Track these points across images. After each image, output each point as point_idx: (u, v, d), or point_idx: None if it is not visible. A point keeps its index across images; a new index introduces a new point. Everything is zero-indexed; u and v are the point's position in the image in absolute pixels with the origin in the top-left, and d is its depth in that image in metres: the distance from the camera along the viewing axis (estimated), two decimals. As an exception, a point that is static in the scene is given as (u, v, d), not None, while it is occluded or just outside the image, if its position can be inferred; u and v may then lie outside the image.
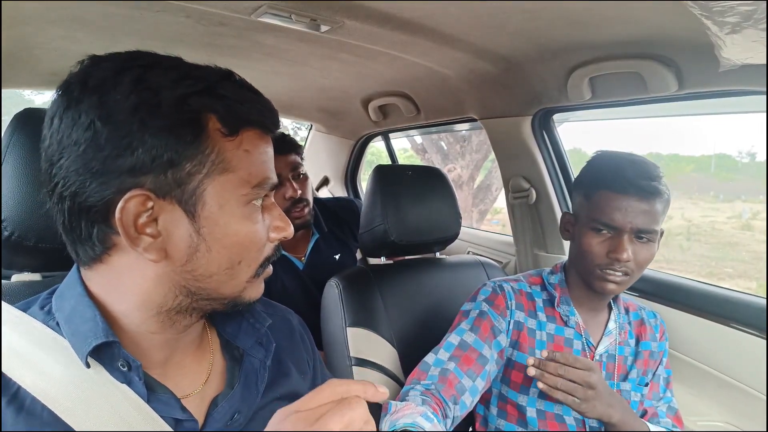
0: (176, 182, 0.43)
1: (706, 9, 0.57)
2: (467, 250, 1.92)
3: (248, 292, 0.51)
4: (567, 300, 0.94)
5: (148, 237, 0.44)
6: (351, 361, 1.01)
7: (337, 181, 2.48)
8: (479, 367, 0.87)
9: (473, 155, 5.59)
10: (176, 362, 0.52)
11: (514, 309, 0.93)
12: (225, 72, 0.47)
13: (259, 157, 0.48)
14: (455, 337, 0.91)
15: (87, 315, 0.45)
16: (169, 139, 0.42)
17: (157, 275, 0.46)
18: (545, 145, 1.40)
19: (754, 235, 4.87)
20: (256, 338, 0.57)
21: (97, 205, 0.43)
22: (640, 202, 0.81)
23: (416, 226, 1.13)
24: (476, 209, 5.60)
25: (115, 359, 0.45)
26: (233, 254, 0.47)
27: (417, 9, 0.90)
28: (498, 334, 0.91)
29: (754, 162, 5.05)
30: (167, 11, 0.94)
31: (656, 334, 0.99)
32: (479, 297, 0.96)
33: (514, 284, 0.97)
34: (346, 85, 1.62)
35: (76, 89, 0.43)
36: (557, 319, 0.93)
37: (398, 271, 1.17)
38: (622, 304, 0.99)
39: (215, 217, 0.45)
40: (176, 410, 0.48)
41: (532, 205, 1.46)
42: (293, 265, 1.42)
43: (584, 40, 0.99)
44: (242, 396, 0.54)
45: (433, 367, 0.87)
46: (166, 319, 0.48)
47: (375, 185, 1.14)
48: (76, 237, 0.45)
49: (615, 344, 0.93)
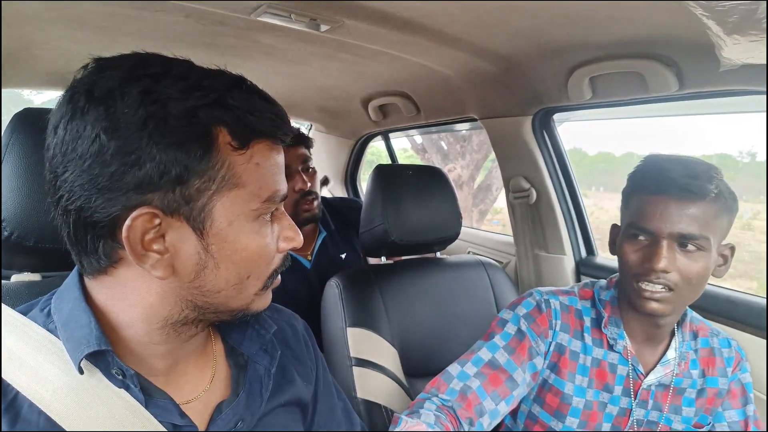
0: (184, 199, 0.42)
1: (707, 9, 0.57)
2: (467, 250, 1.92)
3: (256, 304, 0.50)
4: (616, 321, 0.82)
5: (155, 254, 0.43)
6: (351, 362, 1.01)
7: (337, 181, 2.48)
8: (506, 391, 0.79)
9: (473, 155, 5.58)
10: (179, 369, 0.51)
11: (558, 330, 0.83)
12: (236, 79, 0.45)
13: (269, 170, 0.46)
14: (486, 353, 0.82)
15: (82, 321, 0.45)
16: (178, 154, 0.41)
17: (163, 290, 0.45)
18: (545, 144, 1.40)
19: (754, 235, 4.87)
20: (260, 345, 0.57)
21: (104, 221, 0.42)
22: (682, 203, 0.70)
23: (416, 225, 1.13)
24: (476, 209, 5.59)
25: (110, 366, 0.45)
26: (242, 270, 0.46)
27: (417, 9, 0.90)
28: (535, 356, 0.82)
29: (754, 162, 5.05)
30: (167, 11, 0.94)
31: (727, 369, 0.83)
32: (519, 309, 0.86)
33: (564, 299, 0.86)
34: (346, 84, 1.62)
35: (81, 98, 0.41)
36: (604, 342, 0.83)
37: (398, 271, 1.17)
38: (688, 328, 0.84)
39: (224, 234, 0.44)
40: (174, 416, 0.48)
41: (533, 205, 1.46)
42: (300, 264, 1.42)
43: (585, 40, 0.98)
44: (246, 403, 0.53)
45: (456, 380, 0.80)
46: (171, 331, 0.47)
47: (375, 185, 1.14)
48: (82, 249, 0.44)
49: (672, 375, 0.81)
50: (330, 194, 2.44)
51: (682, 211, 0.70)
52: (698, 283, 0.73)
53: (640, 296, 0.73)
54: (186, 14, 0.96)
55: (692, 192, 0.69)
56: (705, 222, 0.70)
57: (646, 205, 0.72)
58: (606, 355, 0.83)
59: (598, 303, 0.85)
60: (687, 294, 0.73)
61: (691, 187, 0.69)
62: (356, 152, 2.37)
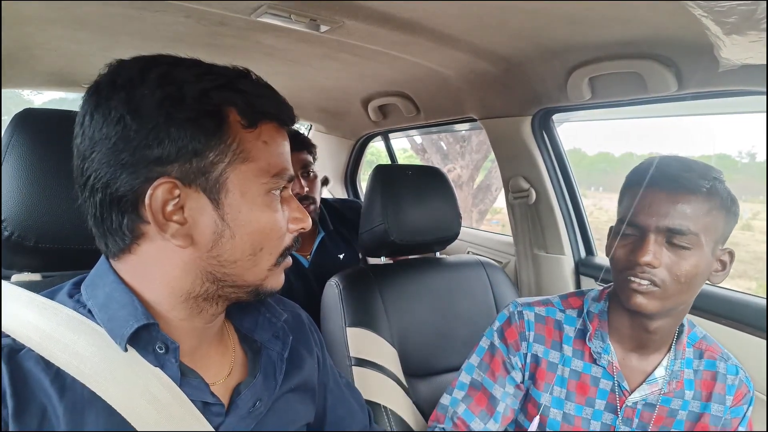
0: (200, 171, 0.46)
1: (706, 9, 0.57)
2: (467, 250, 1.92)
3: (269, 281, 0.53)
4: (602, 335, 0.79)
5: (175, 224, 0.46)
6: (351, 361, 1.01)
7: (336, 181, 2.49)
8: (491, 408, 0.81)
9: (473, 155, 5.59)
10: (203, 353, 0.54)
11: (532, 342, 0.82)
12: (243, 71, 0.50)
13: (276, 149, 0.51)
14: (466, 376, 0.86)
15: (124, 300, 0.48)
16: (193, 130, 0.45)
17: (184, 262, 0.48)
18: (545, 145, 1.40)
19: (754, 235, 4.87)
20: (272, 332, 0.60)
21: (128, 195, 0.45)
22: (672, 196, 0.67)
23: (416, 225, 1.13)
24: (476, 209, 5.60)
25: (152, 342, 0.48)
26: (255, 241, 0.50)
27: (417, 9, 0.90)
28: (511, 370, 0.83)
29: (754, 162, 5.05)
30: (167, 11, 0.94)
31: (727, 397, 0.78)
32: (495, 324, 0.87)
33: (541, 310, 0.84)
34: (346, 85, 1.62)
35: (105, 89, 0.45)
36: (586, 354, 0.81)
37: (398, 270, 1.17)
38: (685, 346, 0.80)
39: (238, 204, 0.48)
40: (206, 394, 0.51)
41: (532, 205, 1.46)
42: (299, 262, 1.44)
43: (584, 40, 0.98)
44: (264, 385, 0.57)
45: (449, 408, 0.84)
46: (194, 306, 0.50)
47: (375, 185, 1.14)
48: (107, 228, 0.47)
49: (658, 394, 0.78)
50: (330, 194, 2.45)
51: (671, 204, 0.67)
52: (687, 283, 0.69)
53: (626, 288, 0.71)
54: (186, 14, 0.96)
55: (682, 185, 0.67)
56: (695, 218, 0.67)
57: (636, 199, 0.70)
58: (588, 368, 0.80)
59: (586, 315, 0.82)
60: (676, 294, 0.70)
61: (681, 180, 0.67)
62: (356, 152, 2.38)
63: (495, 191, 5.56)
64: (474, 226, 4.04)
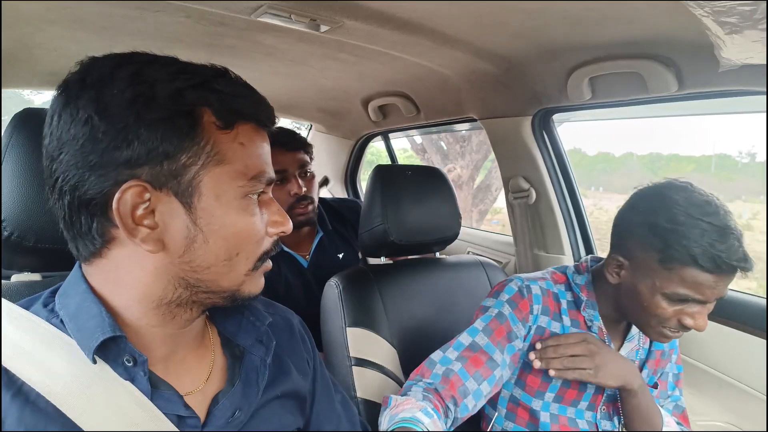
0: (172, 174, 0.44)
1: (707, 9, 0.57)
2: (467, 250, 1.92)
3: (247, 286, 0.51)
4: (593, 304, 0.89)
5: (145, 228, 0.44)
6: (351, 361, 1.01)
7: (336, 181, 2.48)
8: (487, 371, 0.84)
9: (473, 155, 5.59)
10: (179, 359, 0.52)
11: (539, 314, 0.89)
12: (221, 69, 0.48)
13: (255, 151, 0.49)
14: (467, 337, 0.87)
15: (93, 311, 0.46)
16: (165, 131, 0.43)
17: (155, 267, 0.46)
18: (545, 145, 1.40)
19: (754, 235, 4.87)
20: (256, 336, 0.57)
21: (96, 198, 0.43)
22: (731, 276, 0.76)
23: (416, 226, 1.13)
24: (476, 209, 5.60)
25: (120, 354, 0.46)
26: (231, 246, 0.48)
27: (417, 9, 0.90)
28: (514, 339, 0.87)
29: (754, 162, 5.06)
30: (167, 11, 0.94)
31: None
32: (502, 296, 0.90)
33: (542, 283, 0.91)
34: (346, 85, 1.62)
35: (74, 87, 0.44)
36: (581, 323, 0.90)
37: (398, 271, 1.17)
38: None
39: (212, 209, 0.46)
40: (179, 407, 0.49)
41: (532, 205, 1.46)
42: (297, 263, 1.44)
43: (584, 40, 0.99)
44: (243, 393, 0.54)
45: (438, 365, 0.85)
46: (167, 312, 0.48)
47: (375, 185, 1.14)
48: (77, 232, 0.46)
49: (635, 349, 0.92)
50: (330, 194, 2.44)
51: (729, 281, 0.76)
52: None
53: (662, 336, 0.81)
54: (186, 15, 0.96)
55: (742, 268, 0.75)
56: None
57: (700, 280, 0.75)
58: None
59: (575, 287, 0.92)
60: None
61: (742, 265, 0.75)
62: (356, 152, 2.37)
63: (495, 191, 5.56)
64: (474, 226, 4.04)
